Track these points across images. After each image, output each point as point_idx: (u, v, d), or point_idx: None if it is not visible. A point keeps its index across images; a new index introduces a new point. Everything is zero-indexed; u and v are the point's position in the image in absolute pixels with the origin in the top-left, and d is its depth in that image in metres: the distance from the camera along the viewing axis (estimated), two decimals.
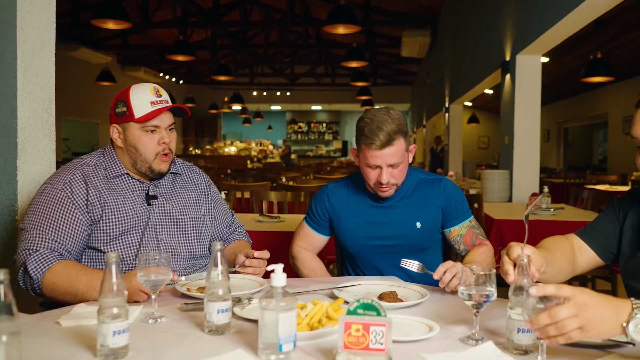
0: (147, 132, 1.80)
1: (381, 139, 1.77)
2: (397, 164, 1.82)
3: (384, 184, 1.84)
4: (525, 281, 1.16)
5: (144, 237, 1.80)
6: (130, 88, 1.80)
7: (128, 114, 1.78)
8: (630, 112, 6.34)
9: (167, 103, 1.82)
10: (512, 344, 1.15)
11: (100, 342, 1.11)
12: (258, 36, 15.21)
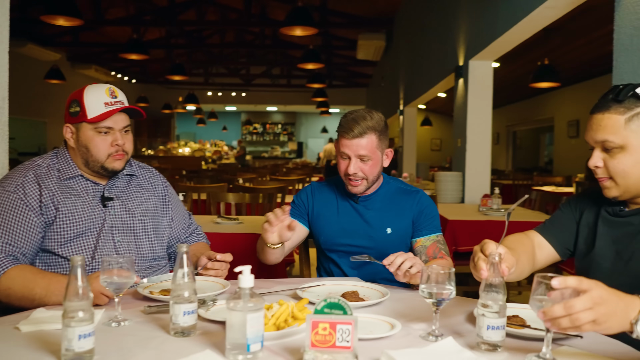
0: (100, 134, 1.77)
1: (353, 130, 1.88)
2: (366, 157, 1.91)
3: (351, 175, 1.92)
4: (497, 279, 1.19)
5: (100, 239, 1.78)
6: (85, 88, 1.78)
7: (81, 114, 1.75)
8: (575, 116, 6.70)
9: (121, 104, 1.80)
10: (482, 339, 1.18)
11: (65, 347, 1.10)
12: (214, 36, 15.07)
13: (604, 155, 1.41)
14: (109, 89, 1.78)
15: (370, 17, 12.30)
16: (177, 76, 12.28)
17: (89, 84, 1.84)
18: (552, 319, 1.03)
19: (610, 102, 1.38)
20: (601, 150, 1.42)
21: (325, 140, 24.05)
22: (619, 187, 1.42)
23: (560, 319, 1.02)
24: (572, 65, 9.62)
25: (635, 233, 1.43)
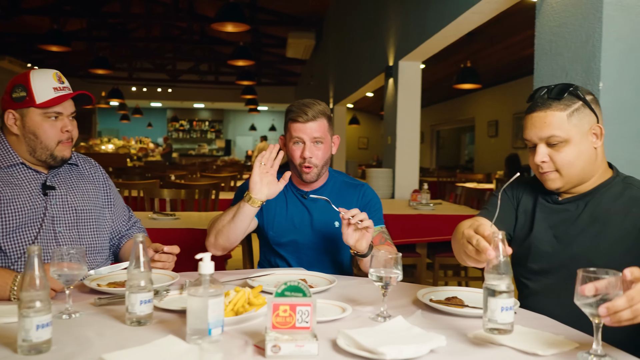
0: (49, 119, 1.73)
1: (307, 113, 1.94)
2: (319, 139, 1.96)
3: (306, 159, 1.95)
4: (502, 258, 1.13)
5: (42, 229, 1.73)
6: (30, 73, 1.73)
7: (28, 99, 1.70)
8: (494, 117, 7.09)
9: (69, 90, 1.77)
10: (496, 323, 1.12)
11: (22, 337, 1.08)
12: (139, 30, 14.62)
13: (549, 150, 1.51)
14: (56, 74, 1.75)
15: (300, 15, 12.38)
16: (101, 70, 11.83)
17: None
18: (615, 312, 1.00)
19: (549, 101, 1.50)
20: (546, 145, 1.52)
21: (253, 137, 23.94)
22: (563, 178, 1.52)
23: (622, 311, 1.00)
24: (492, 68, 10.14)
25: (572, 219, 1.55)
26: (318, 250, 2.04)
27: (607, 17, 2.26)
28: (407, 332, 1.20)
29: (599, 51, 2.27)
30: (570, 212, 1.56)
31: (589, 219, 1.52)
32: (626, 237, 1.45)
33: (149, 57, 16.81)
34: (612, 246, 1.47)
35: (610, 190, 1.53)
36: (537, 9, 2.73)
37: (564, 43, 2.51)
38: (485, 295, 1.13)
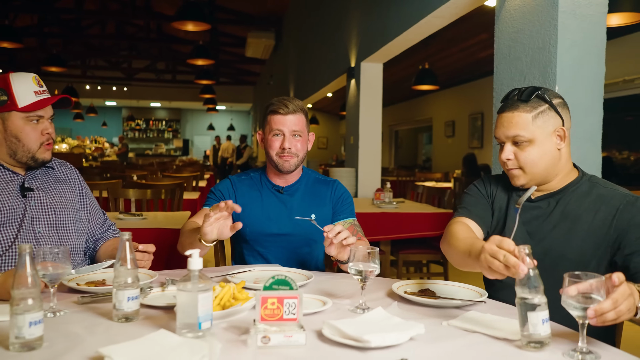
0: (31, 122, 1.75)
1: (287, 106, 2.02)
2: (298, 132, 2.04)
3: (286, 150, 2.02)
4: (532, 272, 1.16)
5: (21, 230, 1.73)
6: (9, 76, 1.73)
7: (9, 103, 1.71)
8: (451, 117, 7.34)
9: (47, 93, 1.79)
10: (539, 337, 1.14)
11: (15, 334, 1.10)
12: (94, 27, 14.29)
13: (514, 149, 1.61)
14: (35, 78, 1.77)
15: (259, 15, 12.38)
16: (54, 67, 11.49)
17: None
18: (602, 314, 1.08)
19: (518, 103, 1.60)
20: (512, 144, 1.62)
21: (211, 137, 23.71)
22: (526, 175, 1.63)
23: (607, 313, 1.08)
24: (449, 70, 10.41)
25: (545, 216, 1.65)
26: (294, 243, 2.09)
27: (562, 25, 2.40)
28: (388, 321, 1.27)
29: (554, 57, 2.41)
30: (542, 210, 1.66)
31: (560, 216, 1.61)
32: (596, 233, 1.55)
33: (104, 54, 16.44)
34: (583, 241, 1.56)
35: (579, 189, 1.63)
36: (496, 15, 2.87)
37: (522, 48, 2.64)
38: (524, 310, 1.14)
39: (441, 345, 1.18)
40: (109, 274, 1.75)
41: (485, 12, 4.18)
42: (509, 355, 1.13)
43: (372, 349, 1.13)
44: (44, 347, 1.13)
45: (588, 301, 1.11)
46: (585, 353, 1.12)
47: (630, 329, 1.82)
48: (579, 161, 2.41)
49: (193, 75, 17.20)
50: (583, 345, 1.13)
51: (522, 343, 1.17)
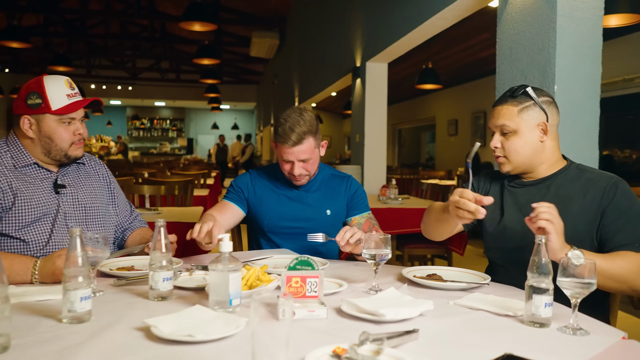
0: (64, 124, 1.85)
1: (292, 139, 2.04)
2: (307, 159, 2.10)
3: (296, 176, 2.12)
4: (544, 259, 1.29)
5: (55, 224, 1.86)
6: (43, 80, 1.84)
7: (43, 106, 1.81)
8: (454, 116, 7.49)
9: (79, 95, 1.89)
10: (539, 318, 1.27)
11: (68, 308, 1.23)
12: (98, 26, 14.43)
13: (502, 139, 1.79)
14: (67, 81, 1.86)
15: (262, 15, 12.51)
16: (61, 67, 11.64)
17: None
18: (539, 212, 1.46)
19: (507, 98, 1.78)
20: (500, 134, 1.79)
21: (215, 136, 23.84)
22: (511, 163, 1.79)
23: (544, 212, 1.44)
24: (451, 69, 10.52)
25: (538, 199, 1.73)
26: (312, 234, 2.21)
27: (560, 28, 2.53)
28: (400, 299, 1.40)
29: (553, 57, 2.54)
30: (535, 194, 1.81)
31: (553, 198, 1.75)
32: (586, 212, 1.70)
33: (108, 54, 16.58)
34: (575, 220, 1.70)
35: (568, 175, 1.79)
36: (498, 18, 2.99)
37: (523, 49, 2.77)
38: (530, 292, 1.28)
39: (448, 320, 1.31)
40: (137, 261, 1.89)
41: (487, 12, 4.30)
42: (511, 328, 1.26)
43: (386, 322, 1.26)
44: (92, 320, 1.26)
45: (582, 284, 1.25)
46: (576, 329, 1.25)
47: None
48: (576, 157, 2.53)
49: (197, 75, 17.35)
50: (575, 321, 1.26)
51: (525, 319, 1.30)
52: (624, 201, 1.65)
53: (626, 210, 1.64)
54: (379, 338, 1.04)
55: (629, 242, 1.60)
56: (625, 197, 1.66)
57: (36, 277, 1.60)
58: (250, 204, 2.28)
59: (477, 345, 1.14)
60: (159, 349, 1.07)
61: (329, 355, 0.98)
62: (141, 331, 1.18)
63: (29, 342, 1.10)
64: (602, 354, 1.11)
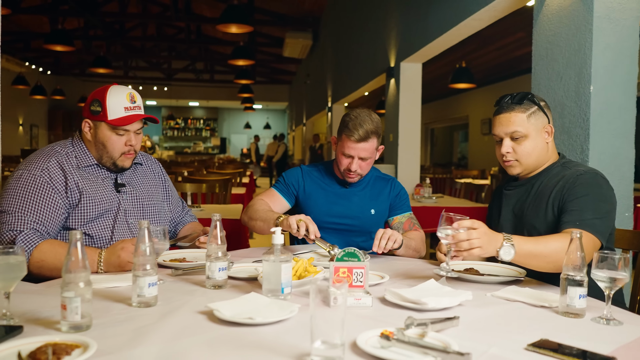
0: (117, 134, 1.97)
1: (360, 134, 2.13)
2: (366, 158, 2.19)
3: (352, 172, 2.21)
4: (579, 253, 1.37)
5: (117, 220, 2.00)
6: (108, 89, 1.96)
7: (102, 114, 1.94)
8: (487, 115, 7.53)
9: (139, 109, 2.00)
10: (574, 309, 1.34)
11: (137, 293, 1.36)
12: (136, 29, 14.81)
13: (512, 144, 1.90)
14: (130, 94, 1.98)
15: (296, 16, 12.65)
16: (101, 69, 12.03)
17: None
18: (458, 241, 1.52)
19: (513, 105, 1.89)
20: (510, 139, 1.90)
21: (248, 136, 24.17)
22: (522, 165, 1.91)
23: (463, 242, 1.51)
24: (485, 68, 10.47)
25: (524, 198, 1.94)
26: (352, 233, 2.31)
27: (597, 29, 2.56)
28: (440, 289, 1.49)
29: (589, 58, 2.58)
30: (522, 193, 1.96)
31: (534, 195, 1.91)
32: (553, 204, 1.83)
33: (145, 55, 16.97)
34: (546, 213, 1.84)
35: (551, 172, 1.92)
36: (534, 19, 3.03)
37: (559, 50, 2.81)
38: (565, 284, 1.35)
39: (486, 309, 1.40)
40: (188, 253, 2.02)
41: (522, 12, 4.31)
42: (546, 318, 1.34)
43: (428, 310, 1.35)
44: (159, 304, 1.38)
45: (613, 273, 1.32)
46: (610, 319, 1.31)
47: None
48: (613, 157, 2.58)
49: (231, 75, 17.62)
50: (608, 312, 1.33)
51: (560, 310, 1.37)
52: (581, 189, 1.77)
53: (580, 197, 1.75)
54: (424, 322, 1.13)
55: (571, 221, 1.71)
56: (583, 186, 1.77)
57: (102, 267, 1.73)
58: (299, 198, 2.36)
59: (514, 331, 1.22)
60: (222, 329, 1.19)
61: (378, 337, 1.08)
62: (204, 314, 1.29)
63: (106, 322, 1.23)
64: (633, 342, 1.17)
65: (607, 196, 1.79)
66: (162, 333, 1.16)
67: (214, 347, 1.08)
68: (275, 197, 2.35)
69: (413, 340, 1.06)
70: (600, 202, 1.75)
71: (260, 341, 1.12)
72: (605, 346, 1.13)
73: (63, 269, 1.19)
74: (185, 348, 1.07)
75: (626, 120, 2.63)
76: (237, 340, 1.12)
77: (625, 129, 2.63)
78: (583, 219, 1.71)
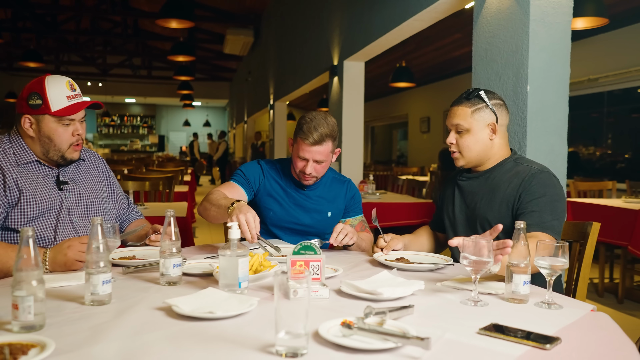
0: (63, 125, 1.90)
1: (315, 137, 2.12)
2: (321, 161, 2.19)
3: (307, 174, 2.20)
4: (523, 243, 1.45)
5: (60, 219, 1.93)
6: (45, 80, 1.88)
7: (44, 106, 1.86)
8: (426, 113, 7.77)
9: (80, 97, 1.94)
10: (519, 295, 1.42)
11: (91, 291, 1.33)
12: (69, 22, 14.22)
13: (456, 136, 2.00)
14: (69, 82, 1.91)
15: (237, 12, 12.53)
16: (31, 63, 11.47)
17: None
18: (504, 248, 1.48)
19: (462, 99, 1.99)
20: (455, 132, 2.00)
21: (187, 133, 23.73)
22: (464, 158, 2.00)
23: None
24: (424, 68, 10.75)
25: (476, 191, 2.03)
26: (308, 234, 2.31)
27: (533, 32, 2.70)
28: (394, 280, 1.54)
29: (526, 59, 2.71)
30: (474, 186, 2.05)
31: (486, 189, 2.00)
32: (508, 200, 1.91)
33: (79, 50, 16.34)
34: (499, 207, 1.93)
35: (504, 167, 2.00)
36: (474, 21, 3.16)
37: (497, 51, 2.94)
38: (509, 272, 1.43)
39: (437, 297, 1.46)
40: (138, 251, 1.98)
41: (460, 13, 4.46)
42: (494, 304, 1.41)
43: (383, 300, 1.39)
44: (113, 302, 1.36)
45: (553, 260, 1.41)
46: (551, 303, 1.40)
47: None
48: (547, 153, 2.73)
49: (169, 71, 17.24)
50: (550, 297, 1.42)
51: (505, 296, 1.45)
52: (538, 189, 1.85)
53: (538, 197, 1.84)
54: (382, 311, 1.17)
55: (533, 224, 1.80)
56: (539, 186, 1.86)
57: (47, 266, 1.68)
58: (257, 195, 2.32)
59: (466, 317, 1.28)
60: (183, 324, 1.18)
61: (340, 326, 1.11)
62: (162, 310, 1.28)
63: (61, 321, 1.20)
64: (574, 323, 1.26)
65: (561, 195, 1.88)
66: (120, 330, 1.14)
67: (176, 342, 1.07)
68: (234, 189, 2.28)
69: (373, 327, 1.09)
70: (555, 202, 1.84)
71: (223, 335, 1.12)
72: (549, 328, 1.21)
73: (14, 267, 1.15)
74: (147, 344, 1.06)
75: (559, 119, 2.79)
76: (199, 335, 1.12)
77: (559, 127, 2.78)
78: (543, 222, 1.79)
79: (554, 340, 1.11)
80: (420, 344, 1.02)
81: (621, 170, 7.35)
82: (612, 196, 5.10)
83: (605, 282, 4.52)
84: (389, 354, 1.03)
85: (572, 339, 1.14)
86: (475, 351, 1.06)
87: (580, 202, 4.32)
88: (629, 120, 7.41)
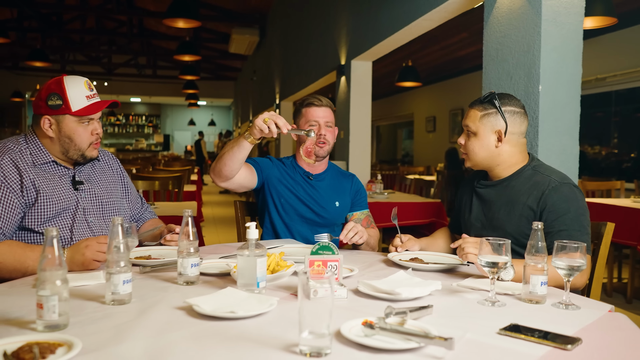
0: (82, 124, 1.92)
1: (320, 100, 2.35)
2: (330, 123, 2.35)
3: (321, 136, 2.31)
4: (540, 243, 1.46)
5: (76, 219, 1.94)
6: (63, 80, 1.90)
7: (64, 107, 1.88)
8: (431, 113, 7.80)
9: (97, 96, 1.97)
10: (536, 295, 1.42)
11: (112, 291, 1.34)
12: (74, 21, 14.26)
13: (466, 138, 2.00)
14: (87, 82, 1.94)
15: (242, 12, 12.54)
16: (38, 62, 11.52)
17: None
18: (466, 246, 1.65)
19: (477, 102, 1.98)
20: (465, 133, 2.00)
21: (192, 132, 23.79)
22: (470, 160, 2.01)
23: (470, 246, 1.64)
24: (430, 67, 10.74)
25: (494, 201, 1.99)
26: (318, 223, 2.35)
27: (544, 31, 2.70)
28: (411, 280, 1.54)
29: (538, 59, 2.71)
30: (492, 195, 2.00)
31: (505, 199, 1.95)
32: (528, 212, 1.87)
33: (84, 49, 16.38)
34: (519, 219, 1.89)
35: (521, 176, 1.95)
36: (484, 20, 3.15)
37: (509, 51, 2.94)
38: (528, 272, 1.43)
39: (456, 297, 1.47)
40: (153, 251, 1.99)
41: (466, 12, 4.47)
42: (511, 304, 1.42)
43: (401, 300, 1.40)
44: (133, 302, 1.37)
45: (574, 266, 1.41)
46: (568, 304, 1.41)
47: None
48: (559, 153, 2.73)
49: (174, 71, 17.26)
50: (567, 298, 1.42)
51: (522, 297, 1.46)
52: (561, 205, 1.80)
53: (563, 215, 1.79)
54: (402, 311, 1.18)
55: None
56: (562, 201, 1.80)
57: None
58: (266, 184, 2.36)
59: (484, 317, 1.29)
60: (204, 324, 1.19)
61: (361, 326, 1.11)
62: (182, 310, 1.29)
63: (83, 320, 1.21)
64: (592, 324, 1.26)
65: (584, 207, 1.83)
66: (144, 329, 1.15)
67: (199, 341, 1.08)
68: (247, 165, 2.31)
69: (395, 327, 1.10)
70: (581, 215, 1.80)
71: (245, 334, 1.13)
72: (569, 329, 1.21)
73: (38, 267, 1.16)
74: (171, 343, 1.07)
75: (571, 119, 2.78)
76: (221, 334, 1.13)
77: (569, 126, 2.78)
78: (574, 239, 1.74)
79: (575, 340, 1.11)
80: (443, 344, 1.02)
81: (627, 170, 7.33)
82: (621, 196, 5.09)
83: (613, 282, 4.51)
84: (411, 353, 1.04)
85: (592, 340, 1.14)
86: (497, 351, 1.07)
87: (589, 202, 4.31)
88: (635, 119, 7.39)
